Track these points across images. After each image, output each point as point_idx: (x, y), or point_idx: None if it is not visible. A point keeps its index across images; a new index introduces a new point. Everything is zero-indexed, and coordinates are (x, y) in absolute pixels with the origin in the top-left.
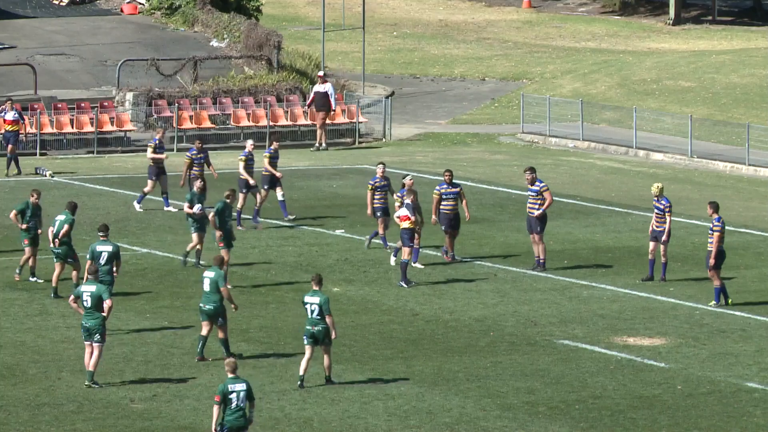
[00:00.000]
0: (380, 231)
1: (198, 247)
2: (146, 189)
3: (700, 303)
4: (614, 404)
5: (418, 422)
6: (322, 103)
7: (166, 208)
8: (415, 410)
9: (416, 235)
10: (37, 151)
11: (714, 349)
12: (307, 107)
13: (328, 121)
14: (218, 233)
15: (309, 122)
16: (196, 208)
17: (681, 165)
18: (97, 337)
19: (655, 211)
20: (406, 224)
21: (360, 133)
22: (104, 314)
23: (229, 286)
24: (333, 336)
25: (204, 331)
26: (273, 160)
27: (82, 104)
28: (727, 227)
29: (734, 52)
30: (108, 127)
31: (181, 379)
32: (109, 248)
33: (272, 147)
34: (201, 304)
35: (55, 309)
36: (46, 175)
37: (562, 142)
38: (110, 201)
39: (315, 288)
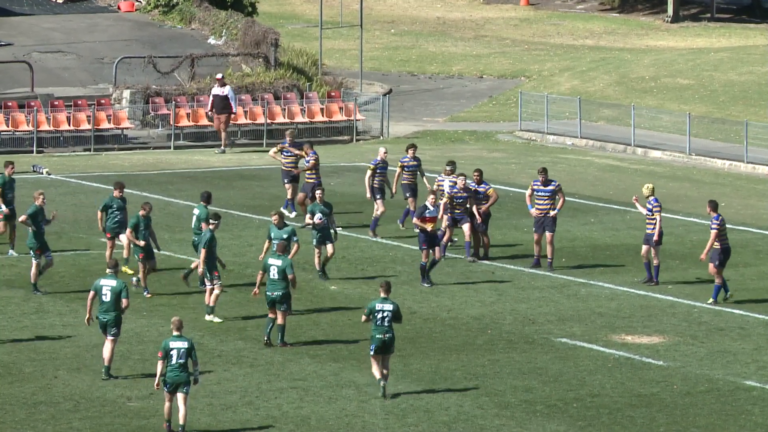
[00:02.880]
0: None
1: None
2: (288, 195)
3: (699, 301)
4: (612, 402)
5: (416, 420)
6: (223, 105)
7: (286, 212)
8: (413, 408)
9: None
10: (34, 148)
11: (712, 347)
12: (209, 111)
13: (309, 120)
14: (140, 243)
15: (306, 120)
16: (317, 218)
17: (679, 162)
18: (114, 330)
19: (646, 212)
20: (429, 226)
21: (357, 130)
22: (122, 309)
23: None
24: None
25: (272, 316)
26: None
27: (79, 102)
28: (726, 225)
29: (733, 50)
30: (105, 125)
31: None
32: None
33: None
34: (268, 292)
35: (52, 307)
36: (42, 173)
37: (560, 140)
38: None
39: (384, 295)
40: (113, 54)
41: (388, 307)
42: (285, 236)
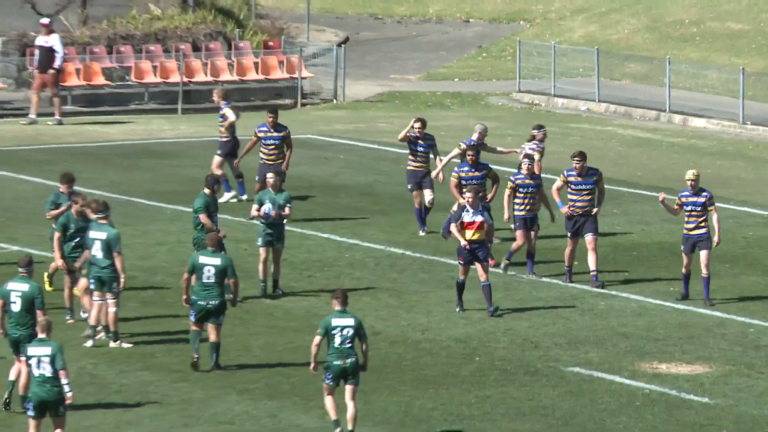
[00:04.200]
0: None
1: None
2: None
3: (756, 318)
4: None
5: None
6: (45, 61)
7: None
8: None
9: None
10: None
11: None
12: (33, 69)
13: (239, 78)
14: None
15: (236, 78)
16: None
17: (730, 134)
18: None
19: (691, 208)
20: (472, 235)
21: (303, 92)
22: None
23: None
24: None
25: (195, 328)
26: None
27: None
28: None
29: None
30: None
31: None
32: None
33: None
34: (200, 301)
35: None
36: None
37: (572, 104)
38: None
39: (340, 308)
40: None
41: (349, 322)
42: (282, 202)
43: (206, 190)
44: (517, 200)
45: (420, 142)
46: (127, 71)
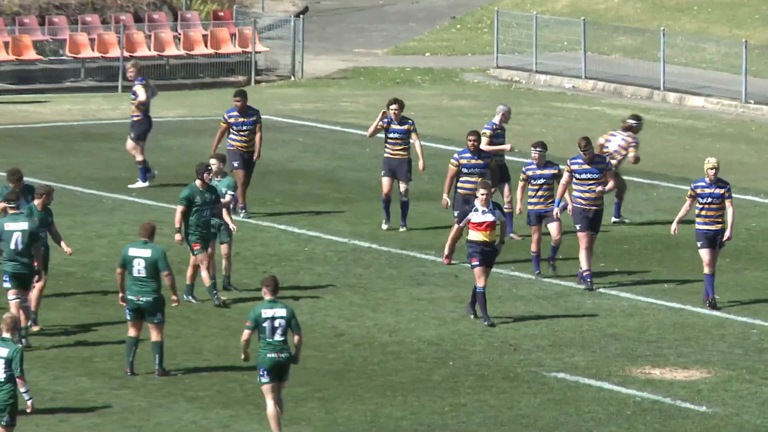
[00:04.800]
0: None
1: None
2: (137, 158)
3: (760, 317)
4: None
5: None
6: None
7: None
8: None
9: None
10: None
11: None
12: None
13: (187, 52)
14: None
15: (183, 52)
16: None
17: (730, 114)
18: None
19: (709, 200)
20: (484, 236)
21: (258, 68)
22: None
23: None
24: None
25: (132, 334)
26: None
27: None
28: None
29: None
30: None
31: None
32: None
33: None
34: (131, 296)
35: None
36: None
37: (556, 81)
38: None
39: (270, 297)
40: None
41: (280, 312)
42: (224, 189)
43: (196, 182)
44: (529, 193)
45: (396, 127)
46: (61, 45)
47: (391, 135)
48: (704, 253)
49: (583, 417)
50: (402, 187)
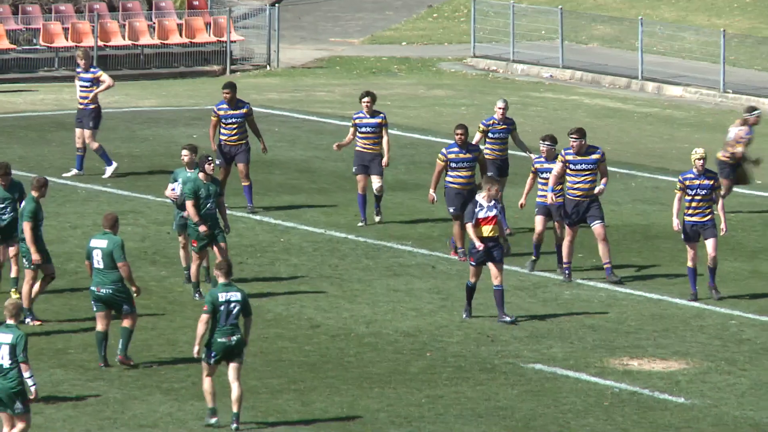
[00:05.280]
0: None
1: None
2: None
3: (739, 309)
4: None
5: None
6: None
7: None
8: None
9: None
10: None
11: (759, 376)
12: None
13: (161, 42)
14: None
15: (157, 41)
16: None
17: (709, 104)
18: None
19: (696, 192)
20: (489, 232)
21: (233, 57)
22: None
23: None
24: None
25: (101, 328)
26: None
27: None
28: None
29: None
30: None
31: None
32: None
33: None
34: (93, 287)
35: None
36: None
37: (533, 71)
38: None
39: (224, 280)
40: None
41: (235, 296)
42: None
43: (199, 174)
44: (540, 185)
45: (369, 120)
46: (34, 34)
47: (363, 129)
48: (689, 247)
49: (560, 408)
50: (376, 183)
